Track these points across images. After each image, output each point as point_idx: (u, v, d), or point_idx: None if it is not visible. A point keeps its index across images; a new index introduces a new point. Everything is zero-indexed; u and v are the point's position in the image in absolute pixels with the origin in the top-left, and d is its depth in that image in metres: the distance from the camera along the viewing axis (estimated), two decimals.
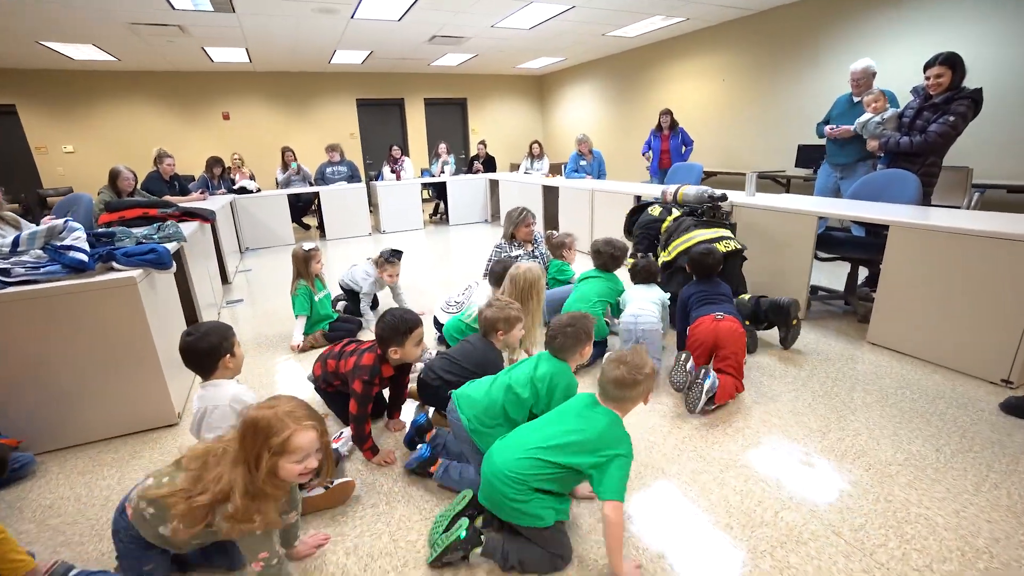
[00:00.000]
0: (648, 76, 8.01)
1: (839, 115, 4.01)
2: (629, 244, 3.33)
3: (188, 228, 3.38)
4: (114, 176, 4.25)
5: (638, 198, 4.65)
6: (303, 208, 7.24)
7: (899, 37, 4.86)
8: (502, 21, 6.04)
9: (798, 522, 1.55)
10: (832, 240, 3.33)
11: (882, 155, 3.61)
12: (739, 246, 2.89)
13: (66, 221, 2.12)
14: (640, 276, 2.76)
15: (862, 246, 3.19)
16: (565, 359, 1.70)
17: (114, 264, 2.14)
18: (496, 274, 2.99)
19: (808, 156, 5.62)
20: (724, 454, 1.90)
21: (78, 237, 2.09)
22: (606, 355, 1.57)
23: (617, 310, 2.74)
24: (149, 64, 7.42)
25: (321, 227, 7.02)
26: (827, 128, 4.00)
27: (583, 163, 6.07)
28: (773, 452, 1.90)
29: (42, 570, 1.39)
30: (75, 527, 1.68)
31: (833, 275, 3.99)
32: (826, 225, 3.46)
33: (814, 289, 3.60)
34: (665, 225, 3.28)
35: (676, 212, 3.39)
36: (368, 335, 3.19)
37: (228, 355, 1.68)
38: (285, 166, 6.91)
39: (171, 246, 2.64)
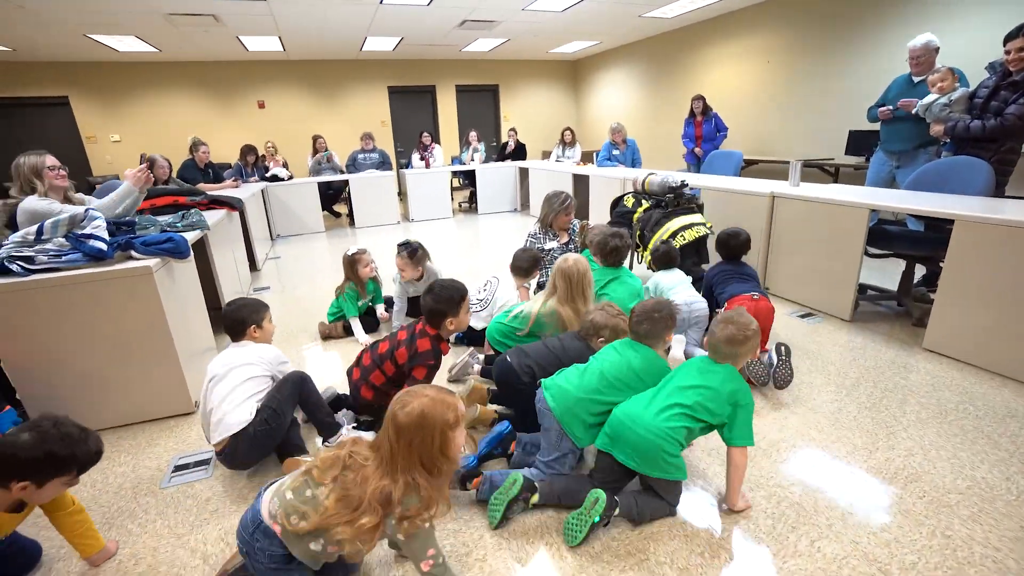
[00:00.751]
0: (687, 59, 7.64)
1: (896, 97, 3.66)
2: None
3: (215, 216, 3.42)
4: (149, 164, 4.33)
5: None
6: (334, 196, 7.30)
7: (968, 8, 4.40)
8: (533, 3, 5.84)
9: (838, 555, 1.38)
10: (885, 235, 3.05)
11: (947, 141, 3.27)
12: (706, 231, 3.09)
13: (87, 210, 2.13)
14: (661, 262, 2.82)
15: (920, 242, 2.91)
16: (653, 345, 1.71)
17: (133, 253, 2.14)
18: (522, 267, 2.87)
19: (860, 143, 5.22)
20: (755, 471, 1.74)
21: (98, 226, 2.09)
22: (715, 318, 1.63)
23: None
24: (188, 54, 7.59)
25: (351, 215, 7.07)
26: (880, 109, 3.67)
27: (616, 152, 5.84)
28: (811, 470, 1.73)
29: (112, 549, 1.50)
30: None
31: (885, 273, 3.69)
32: (878, 218, 3.18)
33: (863, 288, 3.33)
34: (636, 216, 3.42)
35: (645, 203, 3.48)
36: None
37: (254, 327, 1.96)
38: (316, 152, 6.97)
39: (193, 235, 2.66)
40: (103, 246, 2.05)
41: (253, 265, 4.72)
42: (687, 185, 3.36)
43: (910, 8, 4.81)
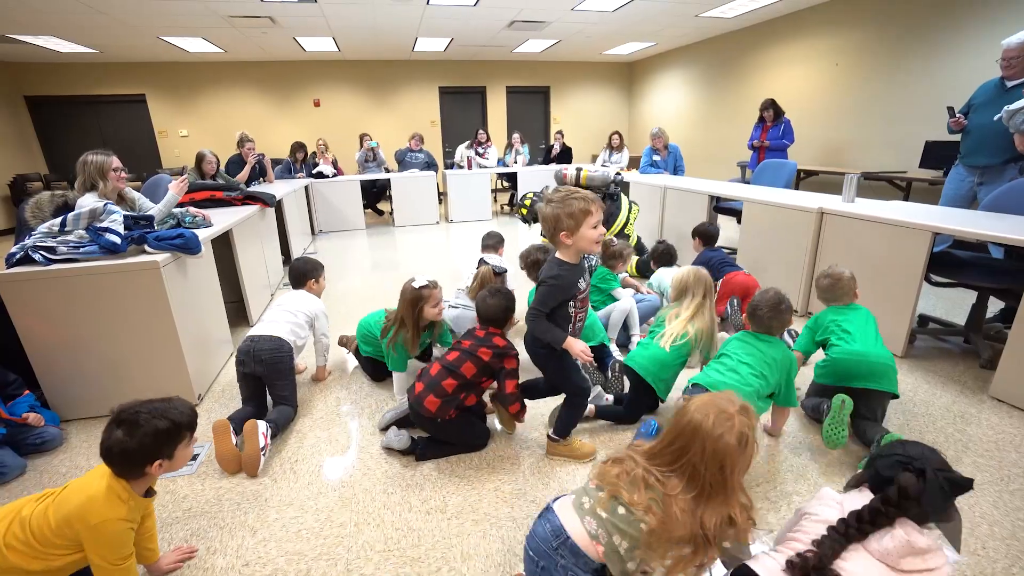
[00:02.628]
0: (748, 61, 7.19)
1: (984, 104, 3.22)
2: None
3: (246, 211, 3.52)
4: (199, 159, 4.57)
5: (715, 199, 4.13)
6: (378, 194, 7.45)
7: None
8: (582, 3, 5.67)
9: None
10: (953, 261, 2.68)
11: None
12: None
13: (105, 204, 2.21)
14: (662, 259, 3.19)
15: (997, 272, 2.52)
16: (780, 336, 1.94)
17: (146, 247, 2.20)
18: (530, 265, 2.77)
19: (937, 155, 4.68)
20: (765, 529, 1.53)
21: (115, 220, 2.17)
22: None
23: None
24: (251, 55, 7.99)
25: (393, 213, 7.17)
26: (951, 120, 3.29)
27: (657, 158, 5.56)
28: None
29: (163, 565, 1.42)
30: None
31: (954, 304, 3.26)
32: (953, 241, 2.79)
33: (923, 320, 2.95)
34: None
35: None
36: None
37: (313, 280, 2.59)
38: (372, 153, 7.15)
39: (211, 231, 2.72)
40: (117, 240, 2.12)
41: (288, 259, 4.86)
42: (620, 174, 4.14)
43: (1004, 3, 4.25)
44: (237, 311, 3.31)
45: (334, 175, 6.63)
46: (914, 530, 0.93)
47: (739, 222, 3.89)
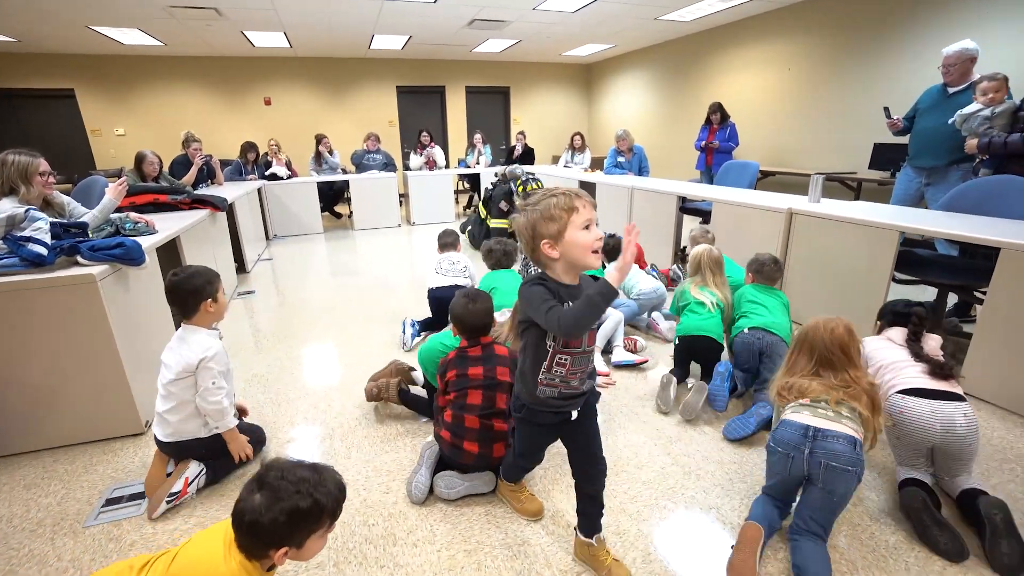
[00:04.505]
0: (704, 65, 7.37)
1: (929, 108, 3.38)
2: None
3: (195, 216, 3.24)
4: (139, 160, 4.21)
5: (682, 199, 4.17)
6: (335, 196, 7.14)
7: (1017, 11, 4.09)
8: (544, 3, 5.63)
9: None
10: (914, 259, 2.78)
11: (985, 158, 2.99)
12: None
13: (27, 210, 1.95)
14: (613, 255, 3.12)
15: (955, 269, 2.63)
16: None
17: (79, 259, 1.95)
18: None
19: (885, 156, 4.92)
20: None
21: (39, 228, 1.91)
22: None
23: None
24: (194, 49, 7.50)
25: (352, 216, 6.89)
26: (888, 121, 3.50)
27: (621, 159, 5.60)
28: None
29: None
30: None
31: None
32: (904, 238, 2.89)
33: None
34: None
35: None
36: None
37: (211, 300, 1.71)
38: (318, 156, 6.80)
39: (155, 238, 2.47)
40: (43, 251, 1.86)
41: (242, 267, 4.55)
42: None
43: (950, 11, 4.50)
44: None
45: (288, 177, 6.30)
46: (930, 335, 1.74)
47: (704, 222, 3.93)
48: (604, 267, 2.93)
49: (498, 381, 1.70)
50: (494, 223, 5.10)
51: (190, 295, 1.67)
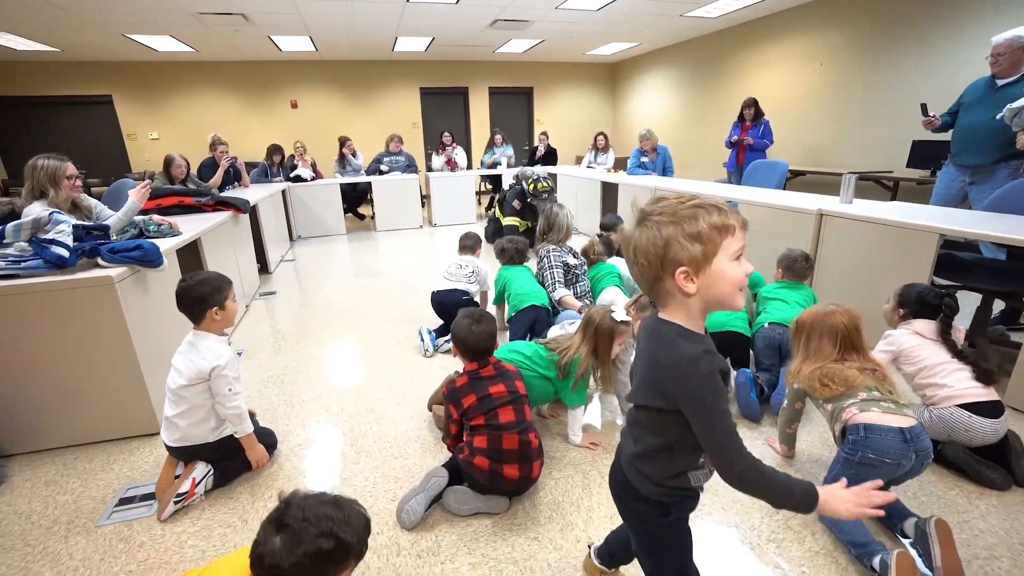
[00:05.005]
0: (731, 62, 7.16)
1: (974, 103, 3.18)
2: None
3: (217, 218, 3.30)
4: (167, 163, 4.33)
5: None
6: (359, 198, 7.22)
7: None
8: (566, 2, 5.56)
9: None
10: (956, 263, 2.60)
11: None
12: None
13: (51, 213, 1.99)
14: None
15: (1004, 274, 2.45)
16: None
17: (99, 260, 1.99)
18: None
19: (925, 154, 4.68)
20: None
21: (62, 231, 1.95)
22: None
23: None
24: (224, 54, 7.69)
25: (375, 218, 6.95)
26: (924, 119, 3.31)
27: (645, 160, 5.48)
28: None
29: None
30: (11, 554, 1.52)
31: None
32: (944, 241, 2.72)
33: None
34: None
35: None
36: None
37: (217, 308, 1.69)
38: (342, 158, 6.88)
39: (175, 240, 2.51)
40: (65, 253, 1.90)
41: (265, 268, 4.63)
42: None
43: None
44: None
45: (313, 179, 6.39)
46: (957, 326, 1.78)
47: None
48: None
49: (521, 394, 1.69)
50: (507, 221, 5.21)
51: (195, 302, 1.68)
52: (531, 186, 5.07)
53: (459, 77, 9.48)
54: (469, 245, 3.17)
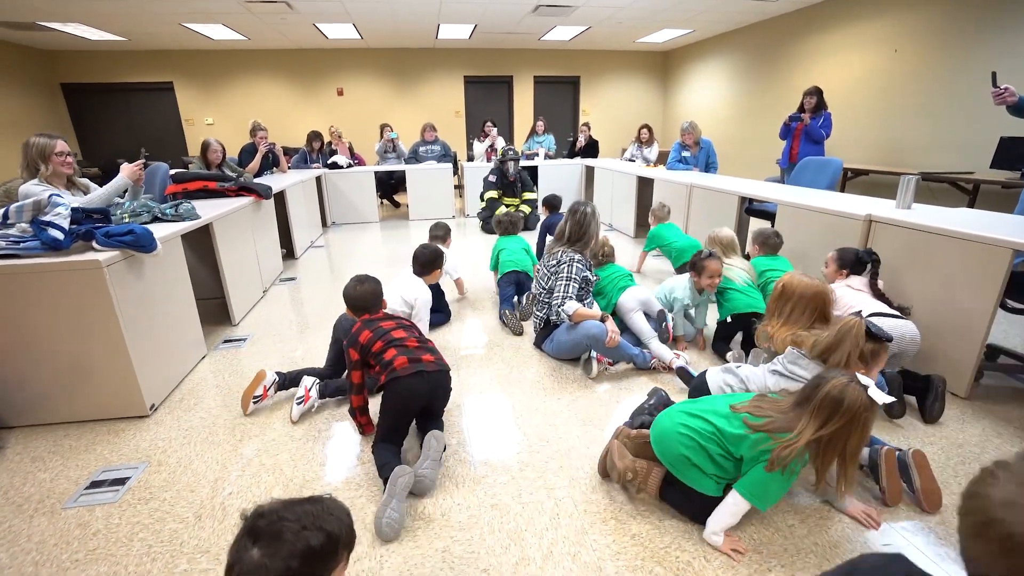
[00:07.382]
0: (792, 50, 6.59)
1: None
2: None
3: (237, 203, 3.34)
4: (204, 148, 4.45)
5: (748, 201, 3.71)
6: (395, 185, 7.25)
7: None
8: None
9: None
10: None
11: None
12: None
13: (51, 196, 2.03)
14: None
15: None
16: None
17: (94, 244, 2.01)
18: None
19: (1014, 153, 4.09)
20: None
21: (59, 213, 1.98)
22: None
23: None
24: (274, 42, 7.90)
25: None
26: (995, 90, 2.52)
27: (686, 154, 5.12)
28: None
29: None
30: None
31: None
32: (1021, 260, 2.32)
33: (993, 352, 2.48)
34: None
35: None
36: None
37: (438, 270, 2.80)
38: (392, 144, 6.92)
39: (175, 226, 2.53)
40: (60, 235, 1.93)
41: (290, 253, 4.71)
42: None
43: None
44: (222, 308, 3.14)
45: (350, 165, 6.46)
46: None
47: (772, 226, 3.45)
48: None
49: (410, 323, 2.00)
50: (488, 195, 5.90)
51: (428, 264, 2.74)
52: (500, 153, 5.91)
53: (503, 65, 9.31)
54: (440, 235, 3.30)
